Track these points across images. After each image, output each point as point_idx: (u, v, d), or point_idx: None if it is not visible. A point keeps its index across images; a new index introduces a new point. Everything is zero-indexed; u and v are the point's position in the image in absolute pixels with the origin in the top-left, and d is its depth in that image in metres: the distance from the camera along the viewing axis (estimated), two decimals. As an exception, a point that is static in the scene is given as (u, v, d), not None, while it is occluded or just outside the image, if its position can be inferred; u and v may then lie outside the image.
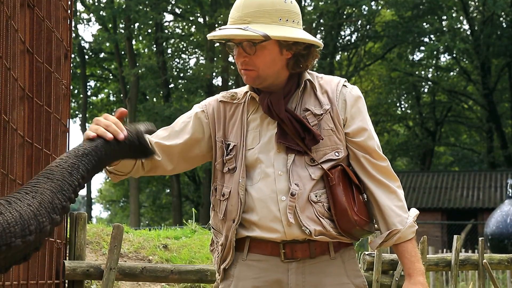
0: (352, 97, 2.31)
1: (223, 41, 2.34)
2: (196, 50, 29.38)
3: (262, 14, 2.22)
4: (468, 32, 28.98)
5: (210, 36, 2.30)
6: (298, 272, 2.23)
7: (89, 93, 32.44)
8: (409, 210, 2.32)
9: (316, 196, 2.22)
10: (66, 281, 4.05)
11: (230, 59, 22.80)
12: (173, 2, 28.73)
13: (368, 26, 28.86)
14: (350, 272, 2.28)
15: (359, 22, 29.06)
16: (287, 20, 2.24)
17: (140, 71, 26.95)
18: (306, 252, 2.23)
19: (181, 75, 29.87)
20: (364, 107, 2.33)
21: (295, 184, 2.21)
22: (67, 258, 3.78)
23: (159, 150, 2.29)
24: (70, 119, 3.12)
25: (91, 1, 28.84)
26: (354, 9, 27.46)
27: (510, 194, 11.39)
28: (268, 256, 2.24)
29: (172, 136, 2.33)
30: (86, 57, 31.00)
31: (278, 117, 2.24)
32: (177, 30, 30.91)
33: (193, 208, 9.97)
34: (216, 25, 23.23)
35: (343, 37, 30.43)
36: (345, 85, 2.33)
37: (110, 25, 28.58)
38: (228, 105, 2.36)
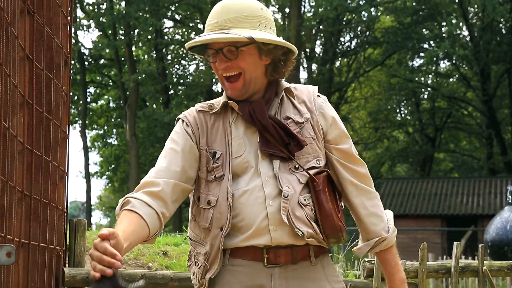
0: (328, 106, 2.36)
1: (200, 54, 2.35)
2: (196, 56, 29.26)
3: (242, 20, 2.22)
4: (468, 39, 29.02)
5: (190, 43, 2.27)
6: (281, 277, 2.22)
7: (89, 100, 32.46)
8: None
9: (305, 199, 2.23)
10: (66, 288, 4.04)
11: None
12: (172, 9, 28.78)
13: (367, 32, 28.91)
14: (330, 277, 2.30)
15: (359, 28, 29.10)
16: (265, 26, 2.26)
17: (140, 77, 26.97)
18: (289, 257, 2.23)
19: (181, 81, 29.92)
20: (337, 115, 2.39)
21: (287, 186, 2.21)
22: (67, 265, 3.76)
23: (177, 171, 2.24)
24: (70, 126, 3.11)
25: (91, 8, 28.88)
26: (353, 15, 27.50)
27: (510, 201, 11.37)
28: (250, 261, 2.23)
29: (173, 158, 2.27)
30: (86, 63, 31.03)
31: (261, 124, 2.23)
32: (177, 37, 30.93)
33: (192, 215, 9.93)
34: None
35: (342, 43, 30.47)
36: (319, 95, 2.37)
37: (110, 32, 28.61)
38: (207, 115, 2.33)
